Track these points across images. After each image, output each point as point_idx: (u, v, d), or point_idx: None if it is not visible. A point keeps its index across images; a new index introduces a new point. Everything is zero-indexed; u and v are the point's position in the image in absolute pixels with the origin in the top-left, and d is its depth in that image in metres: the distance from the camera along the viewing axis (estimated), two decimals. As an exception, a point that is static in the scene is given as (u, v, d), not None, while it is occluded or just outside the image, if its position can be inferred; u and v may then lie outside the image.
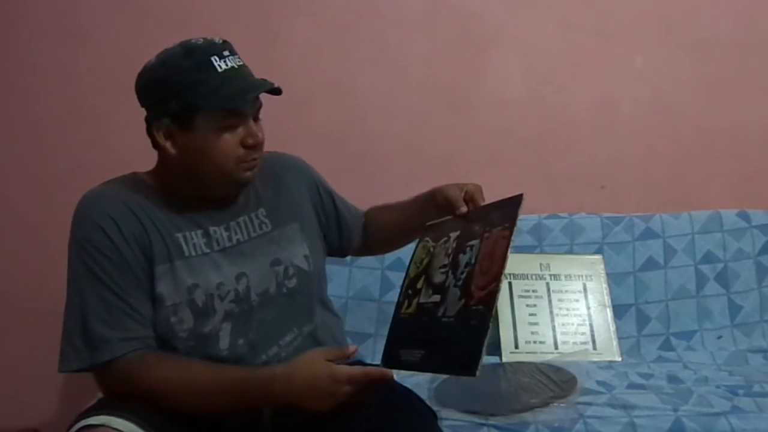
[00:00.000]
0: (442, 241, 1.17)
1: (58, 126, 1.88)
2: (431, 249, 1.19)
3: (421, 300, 1.13)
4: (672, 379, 1.54)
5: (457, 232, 1.14)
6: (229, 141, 1.07)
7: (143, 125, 1.13)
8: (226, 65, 1.06)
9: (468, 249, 1.09)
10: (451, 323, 1.02)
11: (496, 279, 0.99)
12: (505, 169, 1.97)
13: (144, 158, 1.20)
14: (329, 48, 1.93)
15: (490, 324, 0.96)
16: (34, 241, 1.89)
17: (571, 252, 1.84)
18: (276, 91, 1.10)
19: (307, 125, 1.89)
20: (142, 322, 1.05)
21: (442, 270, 1.12)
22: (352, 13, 1.94)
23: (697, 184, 2.02)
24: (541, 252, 1.83)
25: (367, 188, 1.33)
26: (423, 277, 1.16)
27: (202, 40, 1.08)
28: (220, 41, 1.09)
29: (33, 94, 1.88)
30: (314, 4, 1.92)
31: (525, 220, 1.86)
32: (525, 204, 1.05)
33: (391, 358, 1.13)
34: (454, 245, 1.13)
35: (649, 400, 1.38)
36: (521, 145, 1.99)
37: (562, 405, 1.36)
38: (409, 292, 1.18)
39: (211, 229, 1.13)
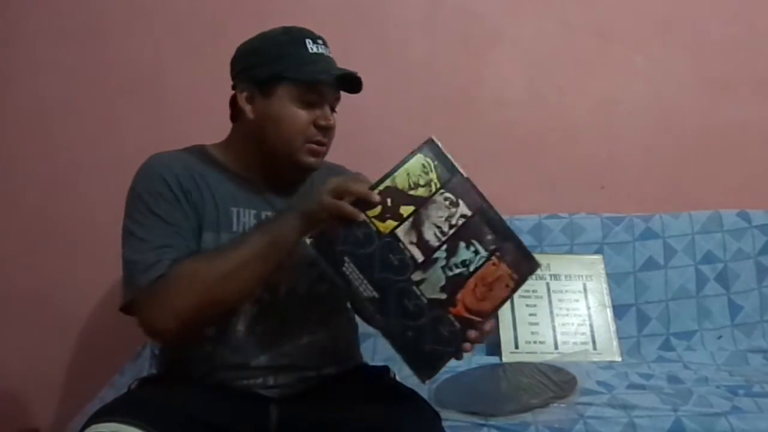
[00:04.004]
0: (451, 196, 1.04)
1: (57, 125, 1.88)
2: (434, 184, 1.04)
3: (400, 235, 1.00)
4: (672, 379, 1.54)
5: (469, 213, 1.04)
6: (303, 116, 1.13)
7: (143, 124, 1.13)
8: (317, 50, 1.16)
9: (472, 249, 1.03)
10: (422, 305, 0.99)
11: (483, 316, 1.01)
12: (505, 169, 1.97)
13: (143, 156, 1.20)
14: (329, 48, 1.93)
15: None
16: (35, 240, 1.89)
17: (571, 252, 1.84)
18: (354, 87, 1.18)
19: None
20: (185, 236, 1.08)
21: (438, 234, 1.02)
22: (352, 13, 1.94)
23: (697, 184, 2.01)
24: (541, 252, 1.82)
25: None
26: (413, 210, 1.02)
27: (301, 27, 1.18)
28: (318, 34, 1.18)
29: (33, 94, 1.88)
30: (314, 4, 1.92)
31: (525, 220, 1.86)
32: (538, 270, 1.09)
33: (329, 250, 0.97)
34: (460, 224, 1.03)
35: (649, 401, 1.37)
36: (521, 145, 1.99)
37: (562, 405, 1.36)
38: (388, 202, 1.00)
39: (263, 213, 1.15)
